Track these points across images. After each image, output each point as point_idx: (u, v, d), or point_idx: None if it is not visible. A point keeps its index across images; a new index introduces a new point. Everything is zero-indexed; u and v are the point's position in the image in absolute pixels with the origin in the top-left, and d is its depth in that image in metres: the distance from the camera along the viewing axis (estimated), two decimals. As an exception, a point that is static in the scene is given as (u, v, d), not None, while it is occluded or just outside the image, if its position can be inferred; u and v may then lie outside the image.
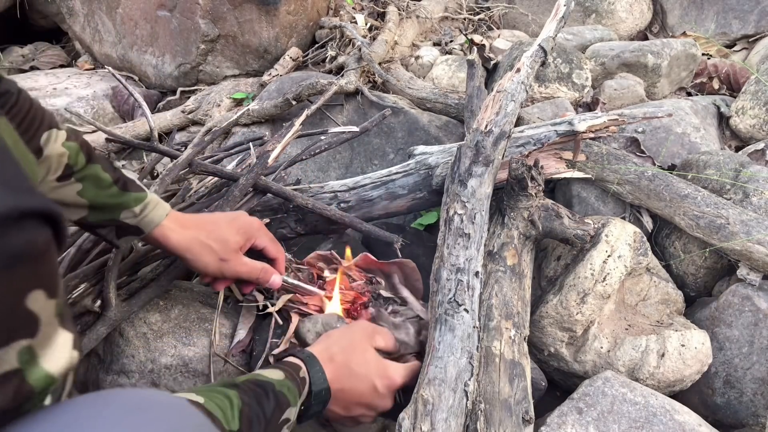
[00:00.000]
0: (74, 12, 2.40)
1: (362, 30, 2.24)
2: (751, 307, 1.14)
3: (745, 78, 1.87)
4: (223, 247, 0.91)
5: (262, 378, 0.70)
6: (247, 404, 0.64)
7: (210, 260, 0.90)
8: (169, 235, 0.88)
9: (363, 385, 0.81)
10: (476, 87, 1.56)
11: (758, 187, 1.24)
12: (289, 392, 0.71)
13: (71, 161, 0.80)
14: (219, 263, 0.91)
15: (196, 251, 0.89)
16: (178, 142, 1.98)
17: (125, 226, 0.86)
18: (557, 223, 1.13)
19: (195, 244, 0.90)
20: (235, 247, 0.93)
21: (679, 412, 0.96)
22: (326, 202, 1.29)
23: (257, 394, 0.67)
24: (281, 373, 0.72)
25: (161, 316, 1.11)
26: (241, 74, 2.25)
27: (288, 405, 0.70)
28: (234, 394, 0.64)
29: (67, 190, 0.81)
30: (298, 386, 0.73)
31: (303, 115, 1.37)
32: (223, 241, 0.91)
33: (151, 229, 0.87)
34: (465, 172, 1.10)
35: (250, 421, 0.63)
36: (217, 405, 0.60)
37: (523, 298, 1.07)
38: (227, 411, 0.61)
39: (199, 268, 0.91)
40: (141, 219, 0.86)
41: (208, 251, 0.90)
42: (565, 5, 1.50)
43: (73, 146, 0.81)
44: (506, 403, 0.88)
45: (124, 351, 1.09)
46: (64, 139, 0.80)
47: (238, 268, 0.93)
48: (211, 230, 0.91)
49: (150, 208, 0.87)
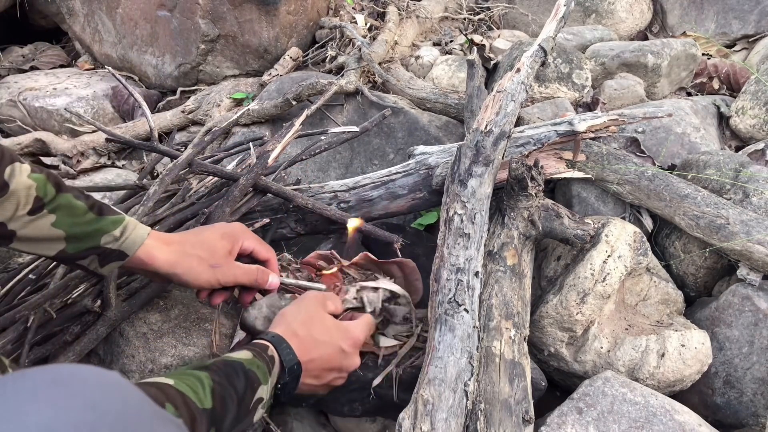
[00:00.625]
0: (74, 12, 2.40)
1: (362, 30, 2.24)
2: (751, 307, 1.14)
3: (745, 78, 1.87)
4: (211, 254, 0.88)
5: (230, 359, 0.71)
6: (218, 383, 0.65)
7: (202, 270, 0.87)
8: (154, 254, 0.85)
9: (330, 350, 0.82)
10: (476, 87, 1.56)
11: (758, 187, 1.24)
12: (258, 370, 0.72)
13: (40, 193, 0.78)
14: (211, 271, 0.88)
15: (186, 264, 0.86)
16: (178, 142, 1.98)
17: (107, 252, 0.83)
18: (557, 223, 1.13)
19: (183, 258, 0.87)
20: (224, 252, 0.90)
21: (679, 412, 0.96)
22: (326, 202, 1.29)
23: (227, 374, 0.68)
24: (249, 353, 0.73)
25: (161, 316, 1.11)
26: (241, 74, 2.25)
27: (259, 383, 0.71)
28: (204, 375, 0.64)
29: (40, 222, 0.79)
30: (267, 364, 0.74)
31: (303, 115, 1.37)
32: (210, 248, 0.89)
33: (134, 250, 0.84)
34: (465, 172, 1.10)
35: (222, 398, 0.64)
36: (188, 385, 0.61)
37: (523, 298, 1.07)
38: (199, 391, 0.62)
39: (191, 281, 0.88)
40: (123, 242, 0.83)
41: (198, 261, 0.87)
42: (565, 5, 1.50)
43: (40, 178, 0.79)
44: (506, 403, 0.88)
45: (124, 351, 1.09)
46: (29, 172, 0.78)
47: (233, 271, 0.90)
48: (195, 241, 0.89)
49: (130, 230, 0.84)
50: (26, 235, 0.79)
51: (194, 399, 0.60)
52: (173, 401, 0.58)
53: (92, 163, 1.91)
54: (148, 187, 1.22)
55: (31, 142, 1.90)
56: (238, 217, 1.21)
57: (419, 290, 1.11)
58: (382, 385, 1.02)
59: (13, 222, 0.77)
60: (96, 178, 1.81)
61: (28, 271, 1.11)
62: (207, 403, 0.61)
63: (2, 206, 0.76)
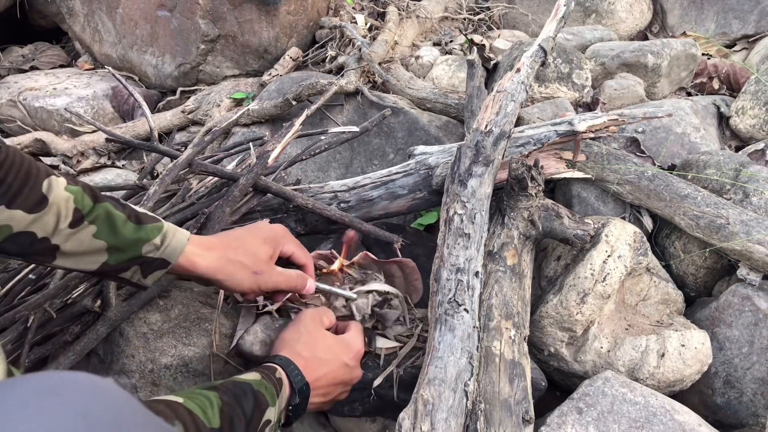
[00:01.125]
0: (74, 12, 2.40)
1: (362, 30, 2.24)
2: (751, 307, 1.14)
3: (745, 78, 1.87)
4: (254, 260, 0.88)
5: (239, 380, 0.72)
6: (226, 403, 0.65)
7: (244, 276, 0.87)
8: (196, 261, 0.84)
9: (335, 367, 0.84)
10: (476, 87, 1.56)
11: (758, 187, 1.24)
12: (267, 392, 0.72)
13: (78, 205, 0.78)
14: (254, 277, 0.87)
15: (228, 271, 0.86)
16: (178, 142, 1.98)
17: (149, 261, 0.82)
18: (557, 223, 1.13)
19: (225, 264, 0.86)
20: (266, 258, 0.89)
21: (679, 412, 0.96)
22: (326, 202, 1.29)
23: (236, 394, 0.68)
24: (257, 375, 0.74)
25: (161, 316, 1.10)
26: (241, 74, 2.25)
27: (267, 405, 0.71)
28: (213, 395, 0.65)
29: (82, 234, 0.78)
30: (275, 386, 0.75)
31: (303, 115, 1.37)
32: (253, 254, 0.88)
33: (176, 258, 0.83)
34: (465, 172, 1.10)
35: (231, 419, 0.64)
36: (197, 404, 0.61)
37: (523, 298, 1.07)
38: (207, 410, 0.62)
39: (234, 287, 0.87)
40: (164, 250, 0.82)
41: (240, 268, 0.87)
42: (565, 5, 1.50)
43: (77, 189, 0.78)
44: (506, 403, 0.88)
45: (124, 351, 1.09)
46: (65, 185, 0.78)
47: (275, 278, 0.89)
48: (237, 246, 0.88)
49: (170, 237, 0.83)
50: (69, 249, 0.78)
51: (203, 418, 0.60)
52: (182, 419, 0.58)
53: (92, 163, 1.91)
54: (148, 187, 1.22)
55: (31, 142, 1.90)
56: (238, 217, 1.22)
57: (419, 290, 1.11)
58: (382, 385, 1.02)
59: (56, 236, 0.76)
60: (96, 178, 1.81)
61: (28, 271, 1.11)
62: (215, 422, 0.62)
63: (43, 220, 0.75)
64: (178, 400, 0.60)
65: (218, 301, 1.13)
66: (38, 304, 1.00)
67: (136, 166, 1.96)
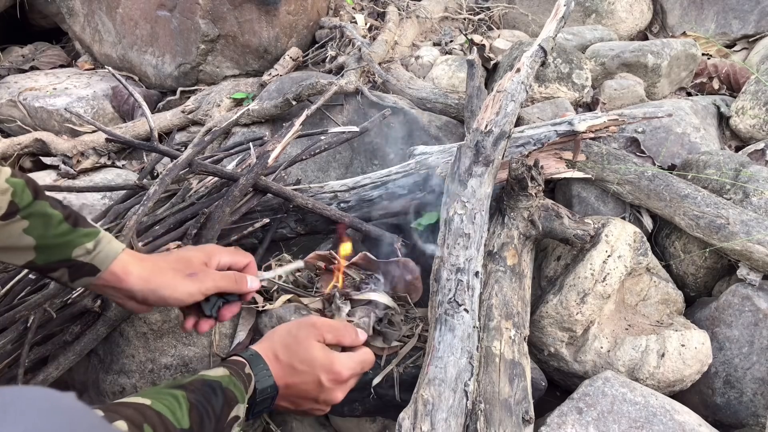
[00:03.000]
0: (74, 12, 2.40)
1: (362, 30, 2.24)
2: (751, 307, 1.14)
3: (745, 78, 1.87)
4: (186, 264, 0.85)
5: (208, 377, 0.70)
6: (195, 403, 0.64)
7: (178, 281, 0.83)
8: (128, 269, 0.81)
9: (307, 380, 0.80)
10: (476, 87, 1.56)
11: (758, 187, 1.24)
12: (235, 389, 0.71)
13: (16, 198, 0.76)
14: (189, 280, 0.84)
15: (161, 278, 0.82)
16: (178, 142, 1.98)
17: (78, 266, 0.80)
18: (557, 223, 1.13)
19: (158, 272, 0.83)
20: (199, 263, 0.87)
21: (679, 412, 0.96)
22: (326, 202, 1.29)
23: (205, 393, 0.67)
24: (226, 371, 0.73)
25: (161, 316, 1.10)
26: (241, 74, 2.25)
27: (236, 402, 0.70)
28: (181, 394, 0.64)
29: (12, 228, 0.76)
30: (244, 382, 0.73)
31: (303, 115, 1.37)
32: (185, 260, 0.86)
33: (107, 265, 0.80)
34: (465, 172, 1.10)
35: (200, 418, 0.64)
36: (166, 405, 0.60)
37: (523, 298, 1.07)
38: (176, 411, 0.61)
39: (169, 294, 0.83)
40: (96, 255, 0.80)
41: (173, 273, 0.84)
42: (565, 5, 1.50)
43: (18, 182, 0.77)
44: (506, 403, 0.88)
45: (124, 351, 1.09)
46: (8, 176, 0.76)
47: (212, 278, 0.86)
48: (169, 257, 0.86)
49: (104, 244, 0.81)
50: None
51: (172, 419, 0.60)
52: (151, 422, 0.57)
53: (92, 163, 1.91)
54: (148, 187, 1.22)
55: (31, 142, 1.90)
56: (239, 217, 1.22)
57: (419, 290, 1.11)
58: (382, 385, 1.02)
59: None
60: (96, 178, 1.81)
61: (28, 271, 1.11)
62: (185, 423, 0.61)
63: None
64: (145, 402, 0.59)
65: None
66: (38, 304, 1.00)
67: (136, 166, 1.96)
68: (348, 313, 1.02)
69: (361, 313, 1.02)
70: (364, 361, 0.84)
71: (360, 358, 0.84)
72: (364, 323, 1.01)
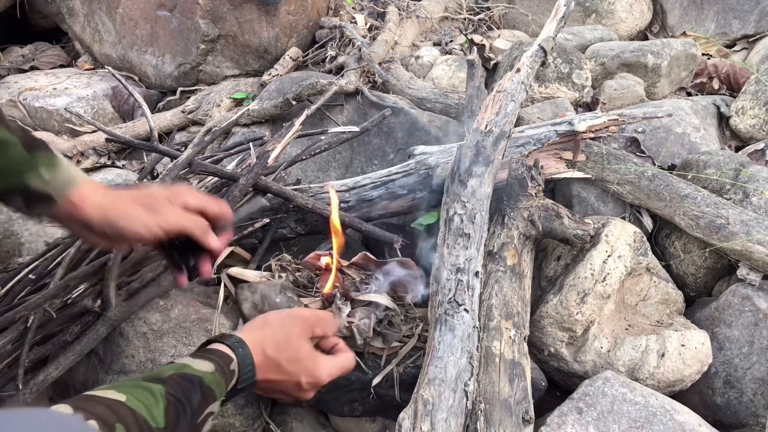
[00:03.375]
0: (74, 12, 2.40)
1: (362, 30, 2.24)
2: (751, 307, 1.14)
3: (745, 78, 1.87)
4: (149, 199, 0.79)
5: (190, 371, 0.68)
6: (173, 399, 0.62)
7: (138, 214, 0.77)
8: (86, 197, 0.76)
9: (289, 379, 0.79)
10: (476, 87, 1.56)
11: (758, 187, 1.24)
12: (217, 387, 0.69)
13: None
14: (147, 212, 0.78)
15: (120, 209, 0.77)
16: (178, 142, 1.98)
17: (34, 195, 0.75)
18: (557, 223, 1.13)
19: (117, 201, 0.77)
20: (162, 199, 0.80)
21: (679, 412, 0.96)
22: (326, 202, 1.29)
23: (185, 388, 0.65)
24: (211, 366, 0.70)
25: (161, 316, 1.10)
26: (241, 74, 2.25)
27: (214, 399, 0.68)
28: (159, 390, 0.61)
29: None
30: (227, 380, 0.71)
31: (303, 115, 1.37)
32: (148, 194, 0.79)
33: (65, 193, 0.75)
34: (465, 172, 1.10)
35: (176, 415, 0.61)
36: (140, 401, 0.58)
37: (523, 298, 1.07)
38: (152, 407, 0.59)
39: (128, 227, 0.77)
40: (52, 183, 0.74)
41: (134, 206, 0.78)
42: (565, 5, 1.50)
43: None
44: (506, 403, 0.88)
45: (124, 351, 1.09)
46: None
47: (177, 216, 0.79)
48: (131, 192, 0.80)
49: (63, 173, 0.76)
50: None
51: (147, 417, 0.57)
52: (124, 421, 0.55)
53: (92, 163, 1.91)
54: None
55: (31, 142, 1.90)
56: (239, 217, 1.22)
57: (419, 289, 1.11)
58: (382, 385, 1.02)
59: None
60: (96, 178, 1.81)
61: (28, 271, 1.11)
62: (160, 421, 0.58)
63: None
64: (120, 399, 0.56)
65: (218, 301, 1.13)
66: (38, 304, 1.00)
67: (136, 166, 1.96)
68: (348, 314, 1.02)
69: (362, 314, 1.02)
70: (344, 367, 0.84)
71: (341, 364, 0.83)
72: (364, 324, 1.01)
